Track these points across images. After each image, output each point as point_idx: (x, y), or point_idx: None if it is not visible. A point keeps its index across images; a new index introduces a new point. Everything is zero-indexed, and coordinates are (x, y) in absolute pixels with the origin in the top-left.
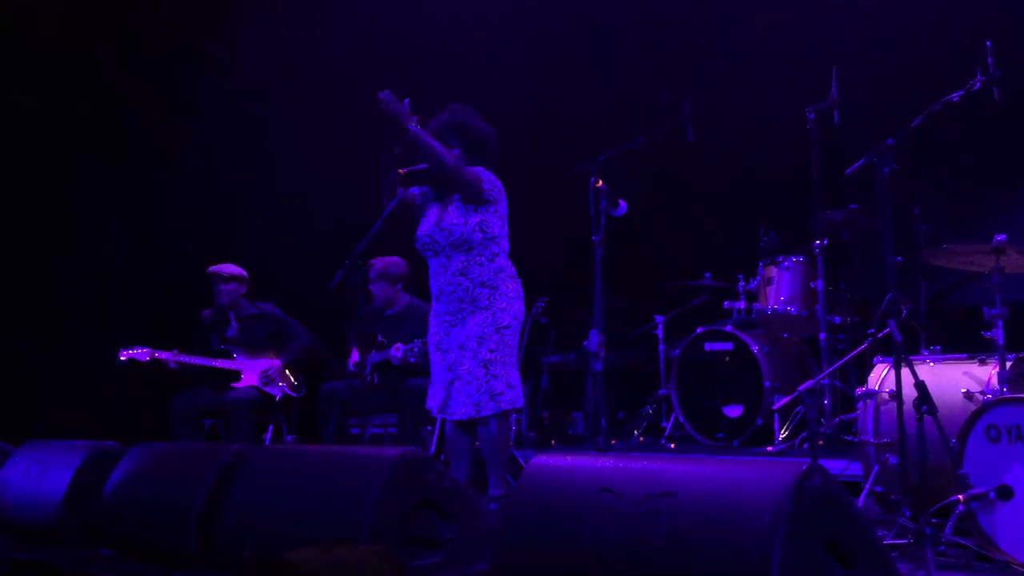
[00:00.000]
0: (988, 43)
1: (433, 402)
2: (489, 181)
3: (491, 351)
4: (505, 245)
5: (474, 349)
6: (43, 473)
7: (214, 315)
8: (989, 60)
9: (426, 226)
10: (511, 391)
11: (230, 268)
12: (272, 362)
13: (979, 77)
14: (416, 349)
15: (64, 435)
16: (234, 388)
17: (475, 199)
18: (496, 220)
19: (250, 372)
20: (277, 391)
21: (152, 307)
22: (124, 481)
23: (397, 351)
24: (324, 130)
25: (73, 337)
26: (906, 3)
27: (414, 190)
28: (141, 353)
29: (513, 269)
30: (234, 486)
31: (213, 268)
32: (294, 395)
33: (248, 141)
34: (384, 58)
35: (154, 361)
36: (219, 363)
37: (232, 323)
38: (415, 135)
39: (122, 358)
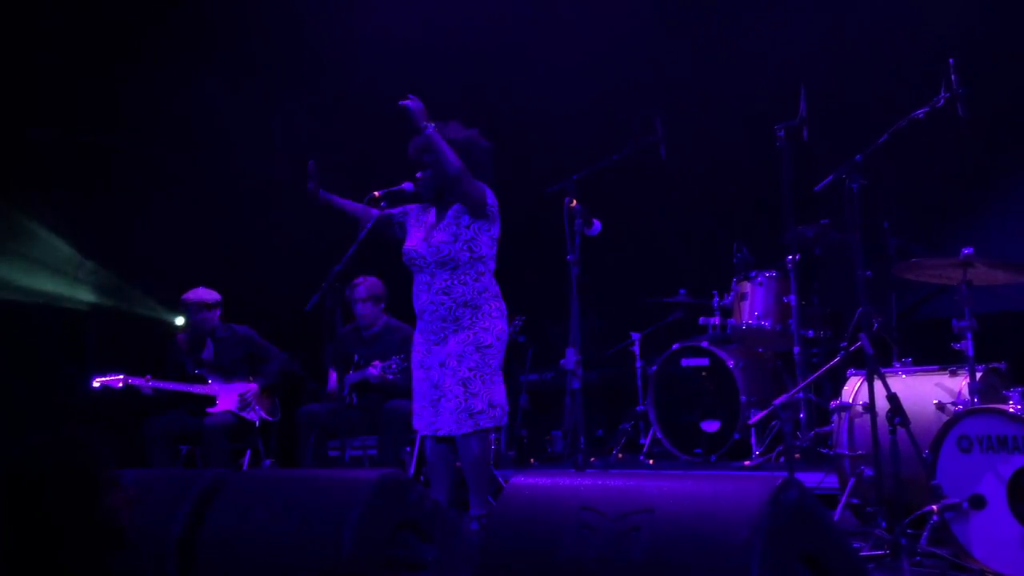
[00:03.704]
0: (951, 61)
1: (418, 420)
2: (492, 199)
3: (470, 369)
4: (492, 265)
5: (454, 368)
6: None
7: (189, 339)
8: (953, 77)
9: (413, 241)
10: (492, 409)
11: (205, 294)
12: (249, 386)
13: (943, 94)
14: (394, 366)
15: None
16: (210, 413)
17: (477, 211)
18: (487, 239)
19: (225, 397)
20: (255, 416)
21: (125, 333)
22: None
23: (375, 368)
24: (301, 147)
25: (46, 364)
26: (872, 22)
27: (394, 209)
28: (115, 380)
29: (497, 288)
30: (213, 511)
31: (188, 296)
32: (271, 419)
33: (222, 162)
34: (359, 75)
35: (128, 388)
36: (194, 388)
37: (208, 345)
38: (429, 135)
39: (95, 385)
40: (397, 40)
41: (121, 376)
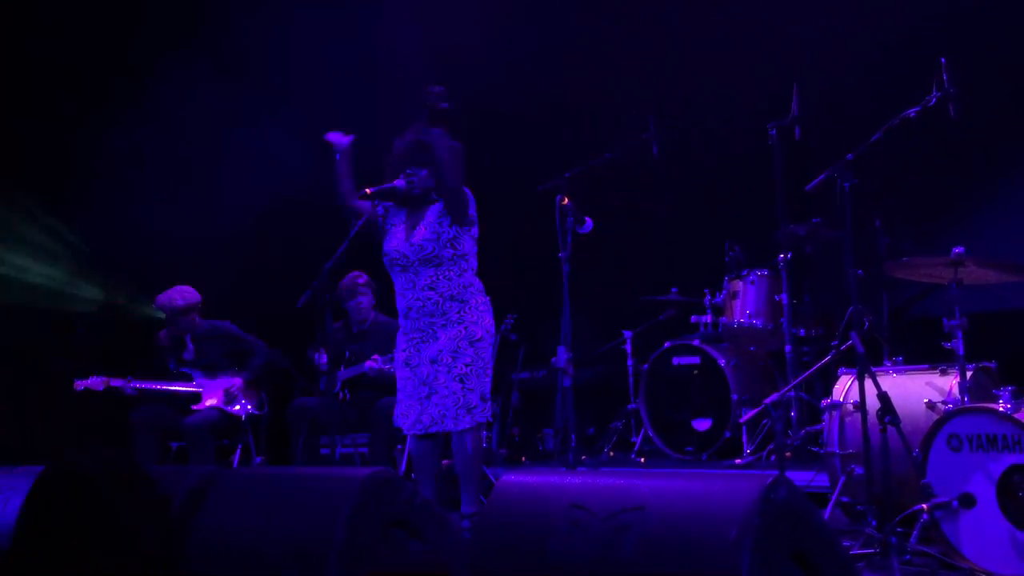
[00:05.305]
0: (943, 60)
1: (404, 419)
2: (473, 204)
3: (466, 365)
4: (474, 263)
5: (449, 363)
6: (7, 501)
7: (170, 337)
8: (944, 77)
9: (395, 241)
10: (484, 403)
11: (180, 296)
12: (233, 380)
13: (935, 93)
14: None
15: (27, 460)
16: (194, 411)
17: (461, 217)
18: (468, 239)
19: (210, 393)
20: (241, 410)
21: (114, 330)
22: None
23: (375, 362)
24: (288, 146)
25: (32, 359)
26: (864, 21)
27: (379, 208)
28: (96, 382)
29: (481, 285)
30: (202, 510)
31: (162, 300)
32: (258, 413)
33: (210, 155)
34: (349, 74)
35: (109, 390)
36: (178, 386)
37: (188, 345)
38: (431, 143)
39: (78, 389)
40: (387, 49)
41: (102, 378)
